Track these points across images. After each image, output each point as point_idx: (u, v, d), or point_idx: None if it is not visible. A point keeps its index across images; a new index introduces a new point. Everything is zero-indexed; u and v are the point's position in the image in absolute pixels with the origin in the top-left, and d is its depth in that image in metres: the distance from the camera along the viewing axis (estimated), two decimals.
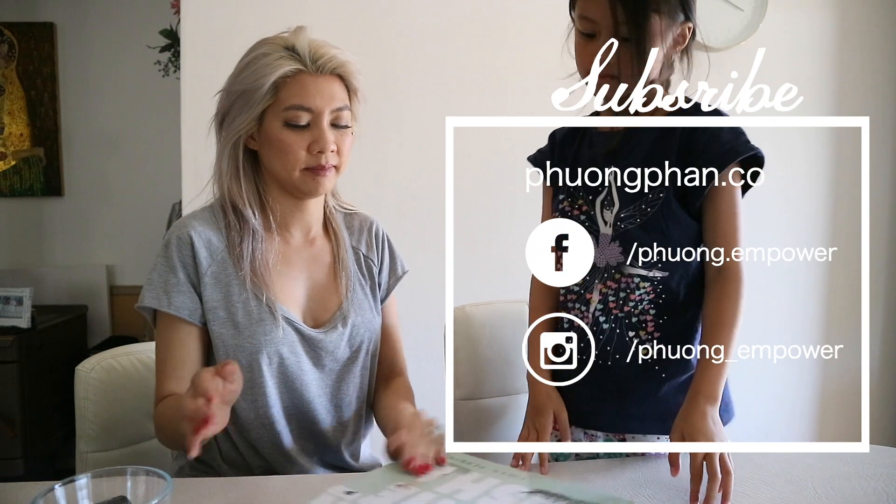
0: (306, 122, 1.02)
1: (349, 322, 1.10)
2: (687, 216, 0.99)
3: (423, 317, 1.51)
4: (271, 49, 1.03)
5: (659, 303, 1.00)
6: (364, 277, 1.15)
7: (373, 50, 1.97)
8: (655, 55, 0.94)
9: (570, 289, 1.06)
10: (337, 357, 1.09)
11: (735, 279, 0.97)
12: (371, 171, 1.98)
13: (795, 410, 2.19)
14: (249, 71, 1.02)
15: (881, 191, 2.16)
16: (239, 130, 1.04)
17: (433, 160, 1.93)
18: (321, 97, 1.02)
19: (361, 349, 1.11)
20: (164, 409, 0.99)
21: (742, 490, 0.89)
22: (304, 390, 1.06)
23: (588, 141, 1.08)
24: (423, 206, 1.97)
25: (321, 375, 1.08)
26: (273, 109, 1.02)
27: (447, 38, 1.98)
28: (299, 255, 1.11)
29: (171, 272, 1.03)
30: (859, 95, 2.13)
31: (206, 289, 1.03)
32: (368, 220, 1.20)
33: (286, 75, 1.01)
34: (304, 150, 1.03)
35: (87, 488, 0.73)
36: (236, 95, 1.03)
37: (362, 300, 1.13)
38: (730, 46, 1.99)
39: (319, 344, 1.07)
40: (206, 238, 1.04)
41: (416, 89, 1.98)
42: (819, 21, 2.10)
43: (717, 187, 0.96)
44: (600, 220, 1.02)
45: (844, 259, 1.10)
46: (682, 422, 0.92)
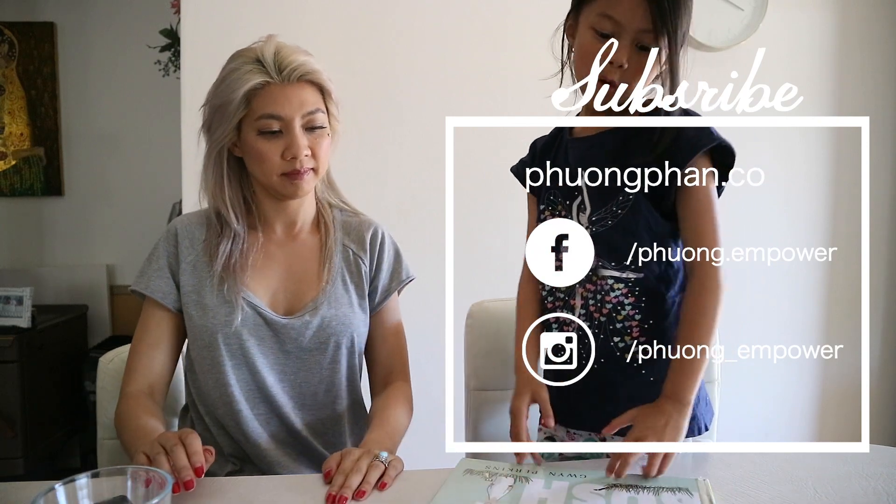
0: (278, 129, 1.07)
1: (319, 313, 1.13)
2: (659, 216, 0.98)
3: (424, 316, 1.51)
4: (241, 63, 1.08)
5: (642, 306, 0.99)
6: (350, 273, 1.18)
7: (373, 50, 1.97)
8: (656, 56, 0.94)
9: (555, 295, 1.06)
10: (301, 345, 1.12)
11: (709, 279, 0.95)
12: (371, 171, 1.98)
13: (795, 410, 2.19)
14: (224, 85, 1.08)
15: (881, 191, 2.16)
16: (220, 141, 1.10)
17: (433, 160, 1.93)
18: (290, 105, 1.07)
19: (330, 342, 1.13)
20: (128, 420, 1.03)
21: (742, 490, 0.90)
22: (265, 372, 1.11)
23: (564, 147, 1.08)
24: (423, 206, 1.97)
25: (285, 360, 1.13)
26: (247, 120, 1.08)
27: (447, 38, 1.99)
28: (281, 249, 1.17)
29: (155, 260, 1.14)
30: (859, 95, 2.13)
31: (184, 275, 1.13)
32: (371, 223, 1.22)
33: (255, 87, 1.06)
34: (279, 157, 1.08)
35: (87, 488, 0.73)
36: (215, 108, 1.10)
37: (341, 295, 1.16)
38: (730, 46, 1.99)
39: (282, 329, 1.12)
40: (191, 231, 1.15)
41: (416, 89, 1.98)
42: (819, 21, 2.10)
43: (689, 187, 0.95)
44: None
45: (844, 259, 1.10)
46: (640, 417, 0.93)
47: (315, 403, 1.15)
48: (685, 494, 0.87)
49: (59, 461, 2.93)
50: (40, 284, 2.99)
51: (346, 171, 2.07)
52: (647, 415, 0.94)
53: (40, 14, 3.14)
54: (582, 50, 1.00)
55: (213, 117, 1.10)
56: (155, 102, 3.00)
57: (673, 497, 0.86)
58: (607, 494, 0.87)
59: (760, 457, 0.99)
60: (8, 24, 3.10)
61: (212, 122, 1.11)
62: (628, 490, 0.88)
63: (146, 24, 2.93)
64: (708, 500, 0.85)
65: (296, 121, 1.07)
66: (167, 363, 1.13)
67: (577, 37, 1.02)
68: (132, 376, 1.10)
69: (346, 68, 1.95)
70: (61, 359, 2.83)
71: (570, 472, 0.94)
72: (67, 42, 3.15)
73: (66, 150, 3.19)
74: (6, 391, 2.59)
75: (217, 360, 1.10)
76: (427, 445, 1.10)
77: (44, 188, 3.16)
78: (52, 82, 3.14)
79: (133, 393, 1.08)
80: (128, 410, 1.05)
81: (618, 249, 0.98)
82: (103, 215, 3.20)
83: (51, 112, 3.14)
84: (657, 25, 0.93)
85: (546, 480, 0.91)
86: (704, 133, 0.96)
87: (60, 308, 2.99)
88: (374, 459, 0.92)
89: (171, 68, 2.75)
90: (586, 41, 0.99)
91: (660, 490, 0.88)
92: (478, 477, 0.93)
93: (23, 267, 3.13)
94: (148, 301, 1.13)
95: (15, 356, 2.59)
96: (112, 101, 3.16)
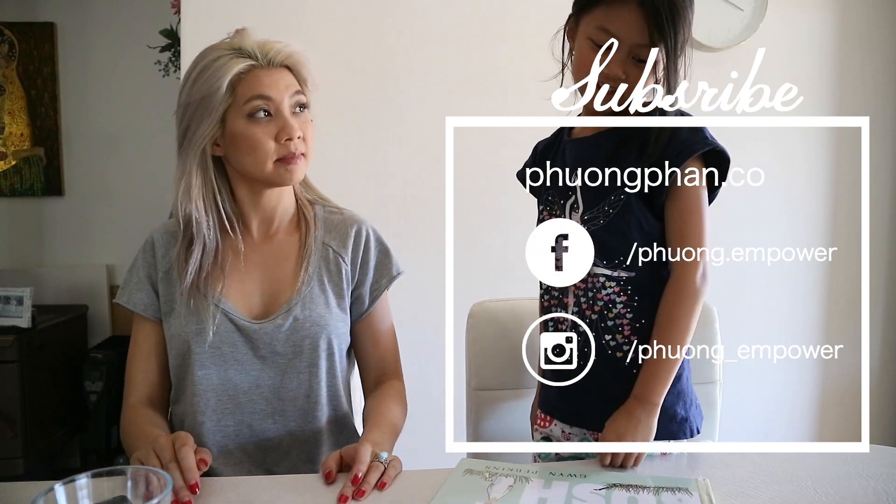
0: (269, 111, 1.05)
1: (292, 315, 1.10)
2: (651, 216, 0.99)
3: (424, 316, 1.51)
4: (220, 53, 1.06)
5: (634, 305, 1.00)
6: (329, 273, 1.14)
7: (373, 50, 1.97)
8: (655, 56, 0.94)
9: (551, 294, 1.06)
10: (276, 349, 1.10)
11: (687, 282, 0.96)
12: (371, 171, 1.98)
13: (795, 410, 2.19)
14: (203, 78, 1.04)
15: (881, 191, 2.16)
16: (203, 138, 1.06)
17: (433, 160, 1.93)
18: (277, 87, 1.05)
19: (305, 344, 1.10)
20: (130, 428, 1.07)
21: (742, 490, 0.90)
22: (239, 379, 1.09)
23: (562, 148, 1.09)
24: (423, 206, 1.97)
25: (261, 366, 1.10)
26: (234, 108, 1.05)
27: (447, 38, 1.99)
28: (257, 252, 1.14)
29: (135, 272, 1.14)
30: (859, 95, 2.13)
31: (162, 284, 1.12)
32: (354, 220, 1.19)
33: (241, 72, 1.04)
34: (272, 140, 1.05)
35: (87, 488, 0.73)
36: (195, 105, 1.06)
37: (317, 296, 1.13)
38: (730, 46, 1.99)
39: (255, 334, 1.10)
40: (167, 240, 1.14)
41: (416, 89, 1.98)
42: (819, 21, 2.10)
43: (678, 187, 0.95)
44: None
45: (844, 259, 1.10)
46: (610, 420, 0.96)
47: (295, 410, 1.11)
48: (685, 494, 0.87)
49: (59, 461, 2.93)
50: (40, 284, 2.98)
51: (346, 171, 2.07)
52: (616, 420, 0.96)
53: (40, 14, 3.13)
54: (579, 59, 1.01)
55: (192, 115, 1.06)
56: (155, 102, 3.00)
57: (673, 497, 0.86)
58: (607, 494, 0.87)
59: (760, 457, 0.99)
60: (8, 24, 3.10)
61: (190, 121, 1.06)
62: (628, 490, 0.88)
63: (146, 24, 2.93)
64: (708, 500, 0.85)
65: (285, 102, 1.05)
66: (162, 371, 1.14)
67: (575, 43, 1.03)
68: (131, 389, 1.12)
69: (346, 68, 1.95)
70: (61, 359, 2.83)
71: (569, 472, 0.94)
72: (67, 42, 3.15)
73: (66, 150, 3.18)
74: (6, 391, 2.59)
75: (189, 369, 1.09)
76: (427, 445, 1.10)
77: (44, 188, 3.16)
78: (52, 82, 3.13)
79: (133, 404, 1.10)
80: (129, 420, 1.08)
81: (609, 248, 0.98)
82: (103, 215, 3.20)
83: (51, 112, 3.14)
84: (654, 40, 0.94)
85: (546, 480, 0.91)
86: (698, 136, 0.96)
87: (60, 308, 2.99)
88: (374, 459, 0.92)
89: (171, 68, 2.75)
90: (584, 51, 0.99)
91: (660, 490, 0.88)
92: (478, 477, 0.93)
93: (23, 267, 3.13)
94: (134, 314, 1.13)
95: (15, 356, 2.58)
96: (112, 101, 3.15)
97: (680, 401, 1.02)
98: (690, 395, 1.05)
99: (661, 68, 0.95)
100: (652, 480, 0.91)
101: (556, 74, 1.05)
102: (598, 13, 0.97)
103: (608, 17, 0.96)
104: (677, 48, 0.95)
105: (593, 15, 0.98)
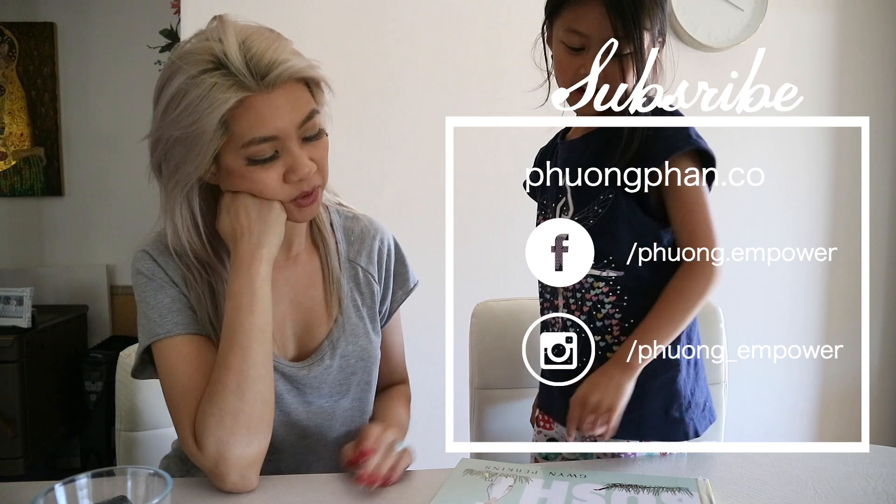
0: (273, 153, 0.85)
1: (338, 352, 0.98)
2: (643, 215, 0.98)
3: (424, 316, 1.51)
4: (199, 73, 0.81)
5: (623, 305, 0.99)
6: (361, 296, 1.02)
7: (372, 50, 1.97)
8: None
9: (544, 296, 1.07)
10: (323, 392, 0.97)
11: (705, 277, 0.95)
12: (371, 172, 1.98)
13: (795, 410, 2.19)
14: (180, 109, 0.82)
15: (881, 191, 2.17)
16: (190, 177, 0.86)
17: (433, 160, 1.94)
18: (281, 118, 0.83)
19: (352, 382, 1.00)
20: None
21: (742, 490, 0.90)
22: (284, 431, 0.95)
23: (556, 152, 1.09)
24: (423, 206, 1.97)
25: (307, 414, 0.96)
26: (229, 147, 0.84)
27: (447, 38, 1.99)
28: (281, 277, 0.96)
29: (156, 299, 0.90)
30: (859, 95, 2.13)
31: (190, 291, 0.91)
32: (373, 227, 1.07)
33: (233, 107, 0.81)
34: (280, 182, 0.86)
35: (87, 488, 0.73)
36: (175, 141, 0.84)
37: (356, 324, 1.00)
38: (730, 46, 1.99)
39: (302, 380, 0.95)
40: (160, 249, 0.92)
41: (415, 89, 1.98)
42: (819, 21, 2.10)
43: (677, 187, 0.95)
44: None
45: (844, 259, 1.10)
46: (588, 379, 0.94)
47: (327, 451, 0.99)
48: (685, 494, 0.87)
49: (59, 461, 2.93)
50: (40, 284, 2.98)
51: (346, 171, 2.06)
52: (592, 376, 0.95)
53: (40, 14, 3.13)
54: (557, 64, 1.01)
55: (174, 151, 0.84)
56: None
57: (673, 497, 0.86)
58: (607, 494, 0.87)
59: (760, 457, 0.99)
60: (8, 24, 3.10)
61: (170, 156, 0.85)
62: (628, 490, 0.88)
63: (146, 24, 2.93)
64: (708, 500, 0.85)
65: (293, 134, 0.85)
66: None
67: (553, 49, 1.03)
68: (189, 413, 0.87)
69: (346, 68, 1.95)
70: (61, 359, 2.83)
71: (570, 472, 0.94)
72: (67, 42, 3.15)
73: (66, 150, 3.19)
74: (6, 391, 2.59)
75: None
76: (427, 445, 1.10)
77: (44, 188, 3.16)
78: (52, 82, 3.14)
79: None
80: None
81: (598, 249, 0.98)
82: (103, 215, 3.20)
83: (51, 112, 3.14)
84: (620, 34, 0.93)
85: (546, 480, 0.91)
86: (681, 135, 0.95)
87: (60, 308, 2.99)
88: (390, 449, 0.92)
89: None
90: (560, 56, 1.00)
91: (660, 490, 0.88)
92: (478, 477, 0.93)
93: (23, 267, 3.13)
94: (169, 343, 0.89)
95: (15, 356, 2.59)
96: (112, 101, 3.15)
97: (675, 402, 1.01)
98: (689, 398, 1.03)
99: (636, 63, 0.95)
100: (652, 480, 0.91)
101: (542, 83, 1.05)
102: (567, 15, 0.98)
103: (576, 17, 0.96)
104: (649, 37, 0.94)
105: (562, 18, 0.98)
